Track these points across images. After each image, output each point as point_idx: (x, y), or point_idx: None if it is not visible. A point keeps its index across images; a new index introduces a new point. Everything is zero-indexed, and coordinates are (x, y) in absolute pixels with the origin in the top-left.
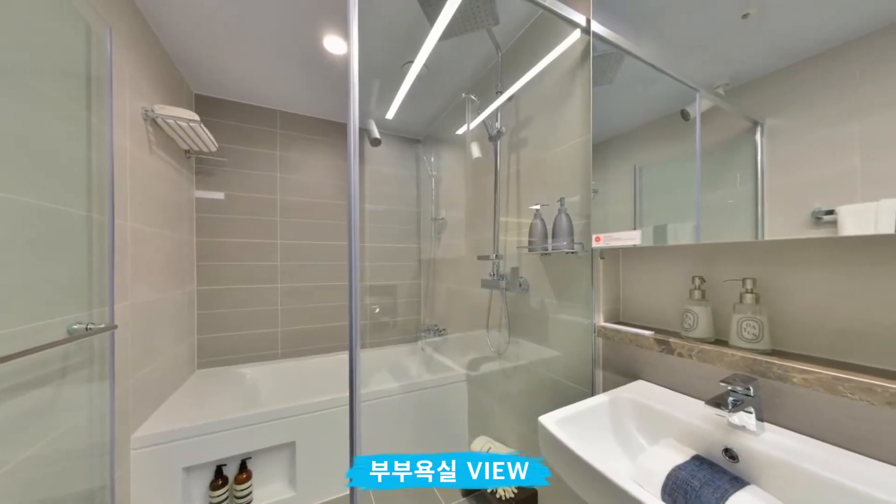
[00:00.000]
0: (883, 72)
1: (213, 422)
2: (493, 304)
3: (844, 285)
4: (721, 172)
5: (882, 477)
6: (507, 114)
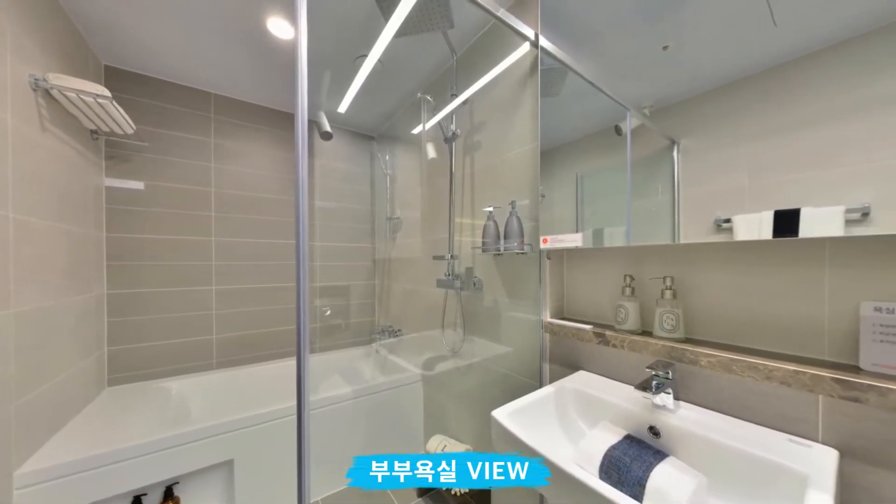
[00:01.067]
0: (767, 106)
1: (127, 447)
2: (448, 303)
3: (738, 282)
4: (647, 183)
5: (764, 439)
6: (461, 117)
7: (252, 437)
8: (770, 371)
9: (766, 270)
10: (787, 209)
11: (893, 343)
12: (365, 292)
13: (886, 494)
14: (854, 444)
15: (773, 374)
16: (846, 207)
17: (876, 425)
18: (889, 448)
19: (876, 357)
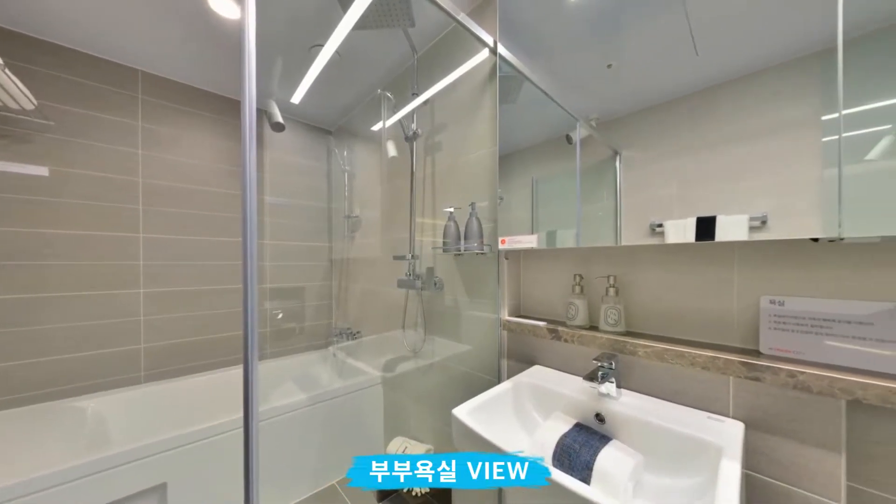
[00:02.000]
0: (693, 125)
1: (18, 482)
2: (409, 303)
3: (669, 279)
4: (594, 189)
5: (688, 418)
6: (423, 117)
7: (190, 457)
8: (693, 358)
9: (691, 269)
10: (707, 216)
11: (784, 330)
12: (321, 293)
13: (778, 457)
14: (755, 416)
15: (696, 360)
16: (749, 216)
17: (770, 399)
18: (779, 418)
19: (772, 342)
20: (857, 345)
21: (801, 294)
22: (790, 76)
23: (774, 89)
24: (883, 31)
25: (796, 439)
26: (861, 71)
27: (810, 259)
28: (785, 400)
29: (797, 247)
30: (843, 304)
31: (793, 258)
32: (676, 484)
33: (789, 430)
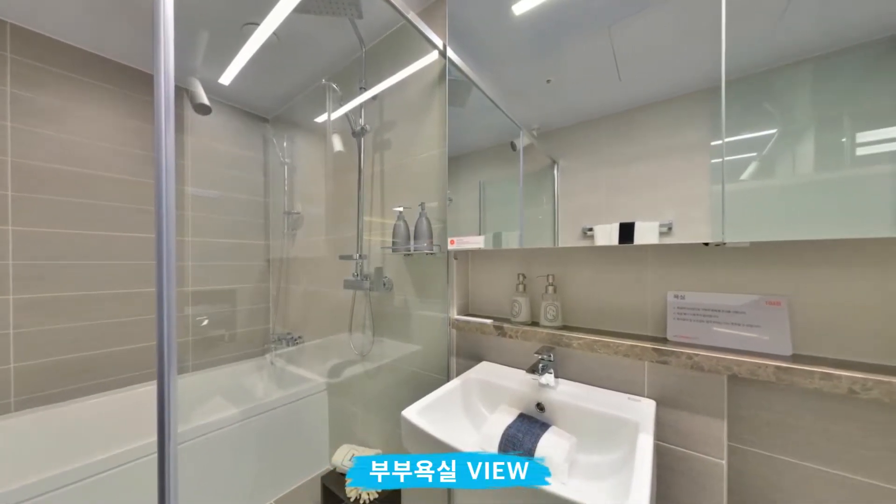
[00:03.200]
0: (618, 140)
1: None
2: (356, 304)
3: (598, 278)
4: (535, 194)
5: (613, 400)
6: (371, 112)
7: (83, 495)
8: (617, 347)
9: (615, 269)
10: (627, 222)
11: (684, 320)
12: (257, 296)
13: (682, 428)
14: (664, 394)
15: (619, 349)
16: (659, 223)
17: (675, 379)
18: (681, 394)
19: (676, 330)
20: (734, 330)
21: (697, 289)
22: (688, 107)
23: (676, 116)
24: (753, 77)
25: (692, 410)
26: (738, 107)
27: (703, 260)
28: (685, 378)
29: (693, 250)
30: (724, 297)
31: (691, 259)
32: (604, 459)
33: (687, 404)
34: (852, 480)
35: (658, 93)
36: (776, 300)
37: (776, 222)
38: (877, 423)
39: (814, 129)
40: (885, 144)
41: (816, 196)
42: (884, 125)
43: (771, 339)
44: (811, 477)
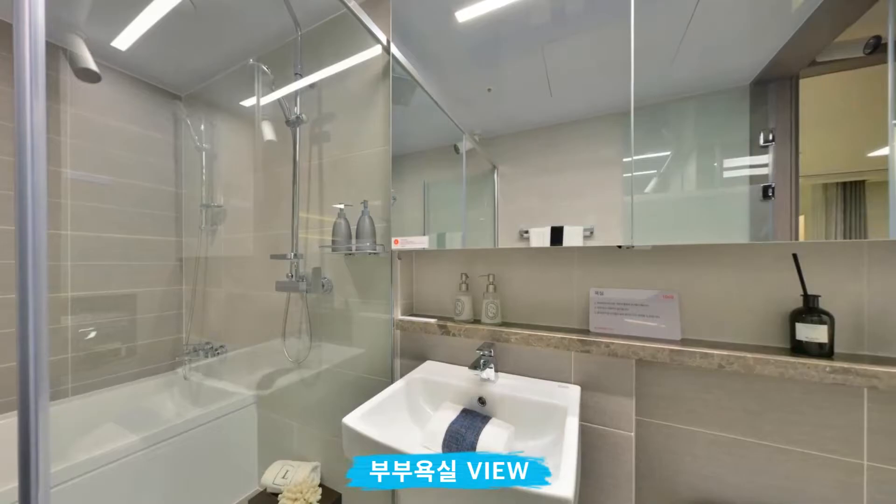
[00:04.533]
0: (551, 151)
1: None
2: (291, 308)
3: (534, 276)
4: (477, 197)
5: (546, 389)
6: (309, 102)
7: None
8: (549, 340)
9: (548, 268)
10: (558, 226)
11: (603, 313)
12: (166, 301)
13: (599, 407)
14: (587, 380)
15: (550, 341)
16: (583, 227)
17: (595, 366)
18: (600, 379)
19: (596, 323)
20: (640, 320)
21: (613, 286)
22: (606, 126)
23: (597, 134)
24: (654, 107)
25: (608, 392)
26: (643, 130)
27: (617, 260)
28: (603, 365)
29: (610, 251)
30: (633, 292)
31: (608, 259)
32: (538, 444)
33: (605, 387)
34: (721, 437)
35: (582, 111)
36: (670, 294)
37: (670, 229)
38: (736, 390)
39: (696, 154)
40: (741, 170)
41: (698, 208)
42: (740, 155)
43: (666, 326)
44: (694, 437)
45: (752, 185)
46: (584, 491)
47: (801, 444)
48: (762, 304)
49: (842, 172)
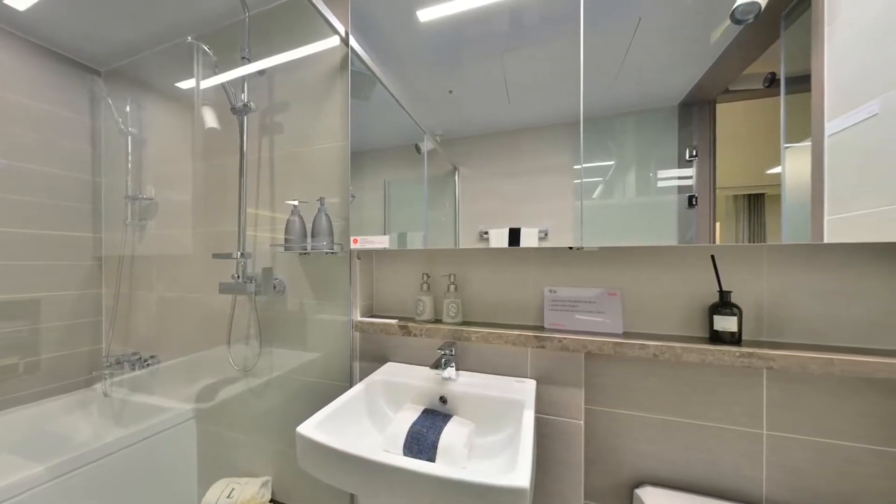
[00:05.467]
0: (510, 155)
1: None
2: (237, 311)
3: (493, 276)
4: (439, 197)
5: (504, 384)
6: (258, 89)
7: None
8: (507, 337)
9: (506, 268)
10: (516, 227)
11: (557, 310)
12: (80, 307)
13: (553, 399)
14: (542, 374)
15: (508, 339)
16: (539, 229)
17: (549, 360)
18: (553, 372)
19: (550, 319)
20: (588, 316)
21: (565, 284)
22: (559, 134)
23: (551, 141)
24: (601, 119)
25: (561, 384)
26: (592, 140)
27: (569, 260)
28: (556, 359)
29: (562, 253)
30: (582, 290)
31: (561, 260)
32: (497, 438)
33: (558, 379)
34: (656, 419)
35: (538, 119)
36: (614, 292)
37: (614, 232)
38: (668, 376)
39: (635, 165)
40: (671, 181)
41: (637, 214)
42: (671, 167)
43: (611, 321)
44: (634, 421)
45: (680, 195)
46: (539, 478)
47: (717, 420)
48: (688, 299)
49: (747, 186)
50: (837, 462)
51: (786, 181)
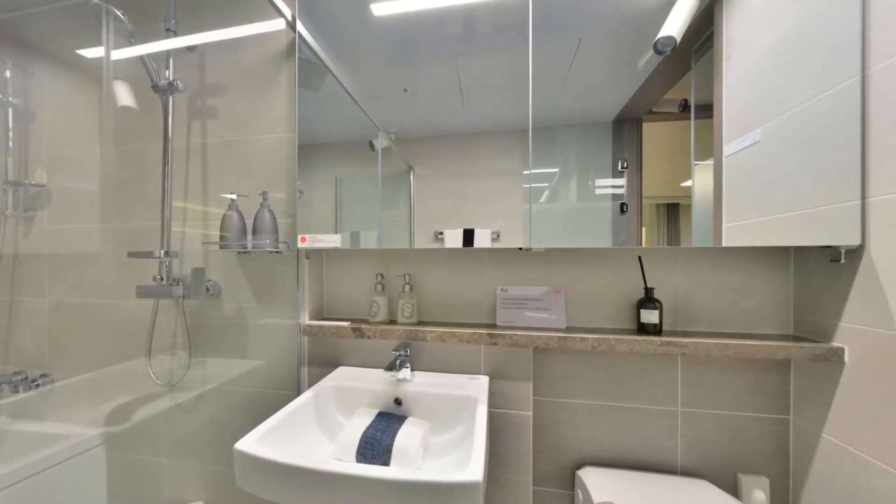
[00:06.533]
0: (464, 157)
1: None
2: (160, 318)
3: (449, 276)
4: (394, 196)
5: (459, 382)
6: (187, 66)
7: None
8: (461, 336)
9: (461, 268)
10: (469, 228)
11: (508, 308)
12: None
13: (504, 393)
14: (494, 370)
15: (463, 337)
16: (491, 230)
17: (501, 356)
18: (505, 367)
19: (502, 317)
20: (536, 313)
21: (515, 283)
22: (510, 140)
23: (502, 146)
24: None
25: (512, 379)
26: (539, 148)
27: (519, 261)
28: (507, 355)
29: (513, 253)
30: (531, 288)
31: (511, 260)
32: (452, 435)
33: (509, 374)
34: (594, 405)
35: (491, 124)
36: (558, 290)
37: (559, 234)
38: (604, 366)
39: (577, 173)
40: (607, 189)
41: (579, 218)
42: (606, 176)
43: (556, 318)
44: (576, 408)
45: (614, 202)
46: (492, 471)
47: (643, 402)
48: (620, 295)
49: (666, 196)
50: (732, 429)
51: (695, 193)
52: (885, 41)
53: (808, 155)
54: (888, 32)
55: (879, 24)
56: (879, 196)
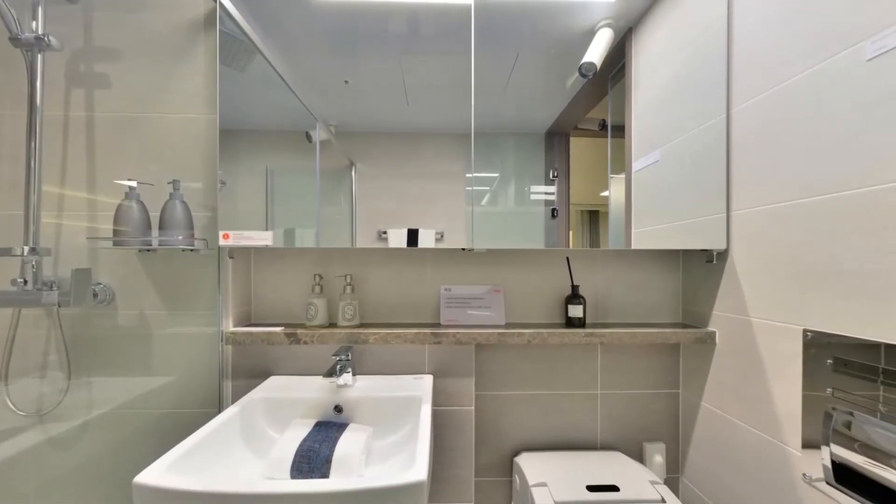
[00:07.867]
0: (408, 157)
1: None
2: (22, 332)
3: (392, 276)
4: (333, 193)
5: (403, 383)
6: (64, 20)
7: None
8: (406, 336)
9: (405, 268)
10: (414, 228)
11: (451, 307)
12: None
13: (448, 391)
14: (438, 368)
15: (407, 337)
16: (435, 231)
17: (445, 355)
18: (448, 365)
19: (446, 316)
20: (478, 311)
21: (458, 283)
22: (454, 143)
23: (447, 149)
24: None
25: (455, 376)
26: (481, 153)
27: (462, 261)
28: (451, 353)
29: (456, 254)
30: (473, 288)
31: (455, 260)
32: (396, 438)
33: (452, 371)
34: (530, 395)
35: (435, 126)
36: (498, 288)
37: (498, 236)
38: (538, 357)
39: (514, 179)
40: (540, 195)
41: (515, 221)
42: (540, 184)
43: (496, 315)
44: (514, 400)
45: (546, 207)
46: (436, 468)
47: (570, 388)
48: (552, 293)
49: (589, 203)
50: (639, 406)
51: (611, 202)
52: (742, 88)
53: (692, 175)
54: (744, 82)
55: (738, 74)
56: (739, 210)
